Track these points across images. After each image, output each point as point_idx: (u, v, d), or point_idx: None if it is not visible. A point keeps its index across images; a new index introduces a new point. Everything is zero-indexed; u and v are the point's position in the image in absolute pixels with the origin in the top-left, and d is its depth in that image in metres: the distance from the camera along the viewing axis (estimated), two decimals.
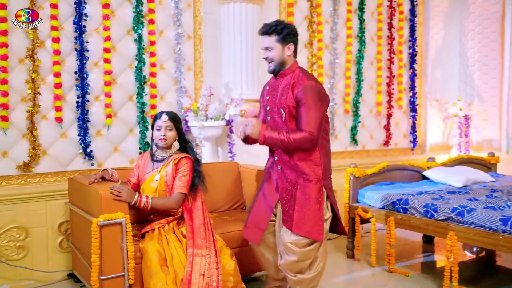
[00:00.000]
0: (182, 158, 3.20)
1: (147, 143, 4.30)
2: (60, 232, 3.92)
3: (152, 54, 4.36)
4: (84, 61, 3.99)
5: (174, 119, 3.23)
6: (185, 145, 3.30)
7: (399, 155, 6.18)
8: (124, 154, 4.30)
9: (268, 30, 2.91)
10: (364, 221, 4.29)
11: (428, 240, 5.04)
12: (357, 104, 5.72)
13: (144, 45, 4.30)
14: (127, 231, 2.98)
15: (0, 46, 3.66)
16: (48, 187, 3.89)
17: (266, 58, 2.95)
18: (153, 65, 4.37)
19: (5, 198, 3.72)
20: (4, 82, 3.68)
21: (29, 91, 3.79)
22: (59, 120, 3.93)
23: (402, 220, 3.92)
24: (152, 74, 4.38)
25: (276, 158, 2.95)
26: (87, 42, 4.02)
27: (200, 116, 4.32)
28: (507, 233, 3.21)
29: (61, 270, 3.91)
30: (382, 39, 5.93)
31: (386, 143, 6.04)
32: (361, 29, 5.70)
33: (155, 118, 3.25)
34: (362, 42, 5.69)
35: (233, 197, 4.17)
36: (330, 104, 5.43)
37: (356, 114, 5.73)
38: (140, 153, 4.28)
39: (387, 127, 6.03)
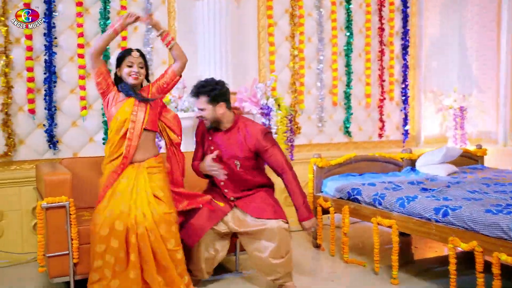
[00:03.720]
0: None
1: None
2: (33, 215, 4.21)
3: None
4: (53, 57, 4.24)
5: (144, 56, 3.16)
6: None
7: (391, 147, 6.11)
8: (99, 144, 4.52)
9: (197, 92, 3.19)
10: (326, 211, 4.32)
11: (404, 234, 4.98)
12: (348, 97, 5.74)
13: (117, 41, 4.51)
14: (70, 214, 3.20)
15: None
16: (20, 173, 4.19)
17: (201, 117, 3.24)
18: None
19: None
20: None
21: (3, 84, 4.09)
22: (32, 111, 4.22)
23: (355, 210, 3.94)
24: None
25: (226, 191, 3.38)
26: (55, 38, 4.28)
27: (171, 108, 4.49)
28: (439, 222, 3.19)
29: (33, 252, 4.18)
30: (371, 30, 5.89)
31: (380, 135, 6.01)
32: (349, 21, 5.69)
33: (124, 54, 3.10)
34: (350, 34, 5.69)
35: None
36: (317, 94, 5.55)
37: (348, 107, 5.74)
38: None
39: (380, 119, 5.99)
